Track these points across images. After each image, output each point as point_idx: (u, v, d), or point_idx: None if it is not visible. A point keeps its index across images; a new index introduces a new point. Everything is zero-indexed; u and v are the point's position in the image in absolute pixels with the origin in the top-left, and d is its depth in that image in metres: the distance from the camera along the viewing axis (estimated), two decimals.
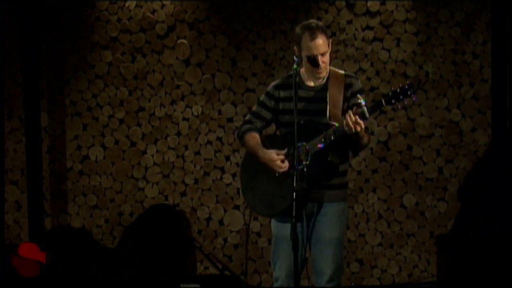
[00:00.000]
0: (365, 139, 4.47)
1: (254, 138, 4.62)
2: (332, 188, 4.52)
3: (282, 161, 4.47)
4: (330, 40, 4.52)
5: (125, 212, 6.86)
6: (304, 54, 4.47)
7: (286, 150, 4.48)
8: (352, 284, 6.75)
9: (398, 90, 4.29)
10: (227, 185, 6.82)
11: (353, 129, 4.27)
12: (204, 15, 6.76)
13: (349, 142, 4.43)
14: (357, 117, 4.27)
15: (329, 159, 4.42)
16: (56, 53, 6.82)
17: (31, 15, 6.70)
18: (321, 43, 4.44)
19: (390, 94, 4.31)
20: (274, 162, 4.48)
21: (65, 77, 6.83)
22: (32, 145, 6.77)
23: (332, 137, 4.37)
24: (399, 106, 4.35)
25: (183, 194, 6.84)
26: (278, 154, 4.48)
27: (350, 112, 4.31)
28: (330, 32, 5.38)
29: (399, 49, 6.69)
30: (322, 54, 4.47)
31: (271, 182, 4.53)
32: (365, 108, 4.30)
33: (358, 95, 4.39)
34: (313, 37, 4.43)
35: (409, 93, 4.27)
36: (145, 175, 6.85)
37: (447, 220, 6.71)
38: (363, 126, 4.29)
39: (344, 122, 4.30)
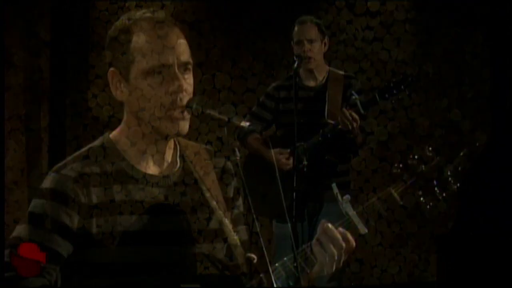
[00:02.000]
0: (359, 139, 4.47)
1: (257, 139, 4.62)
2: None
3: (287, 159, 4.47)
4: (327, 38, 4.49)
5: None
6: (293, 45, 4.47)
7: (289, 149, 4.48)
8: (352, 284, 6.74)
9: (392, 84, 4.28)
10: None
11: (349, 125, 4.26)
12: (204, 15, 6.76)
13: (345, 140, 4.42)
14: (353, 113, 4.27)
15: (326, 158, 4.42)
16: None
17: None
18: (308, 29, 4.42)
19: (383, 88, 4.30)
20: (279, 160, 4.48)
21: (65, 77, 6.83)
22: (32, 145, 6.76)
23: (329, 135, 4.37)
24: (393, 101, 4.34)
25: None
26: (281, 153, 4.49)
27: (346, 108, 4.31)
28: (330, 32, 5.38)
29: (399, 49, 6.68)
30: (309, 41, 4.43)
31: (272, 182, 4.52)
32: (358, 102, 4.29)
33: (353, 92, 4.40)
34: (300, 22, 4.43)
35: (402, 86, 4.26)
36: None
37: (447, 220, 6.70)
38: (359, 122, 4.29)
39: (340, 118, 4.30)
